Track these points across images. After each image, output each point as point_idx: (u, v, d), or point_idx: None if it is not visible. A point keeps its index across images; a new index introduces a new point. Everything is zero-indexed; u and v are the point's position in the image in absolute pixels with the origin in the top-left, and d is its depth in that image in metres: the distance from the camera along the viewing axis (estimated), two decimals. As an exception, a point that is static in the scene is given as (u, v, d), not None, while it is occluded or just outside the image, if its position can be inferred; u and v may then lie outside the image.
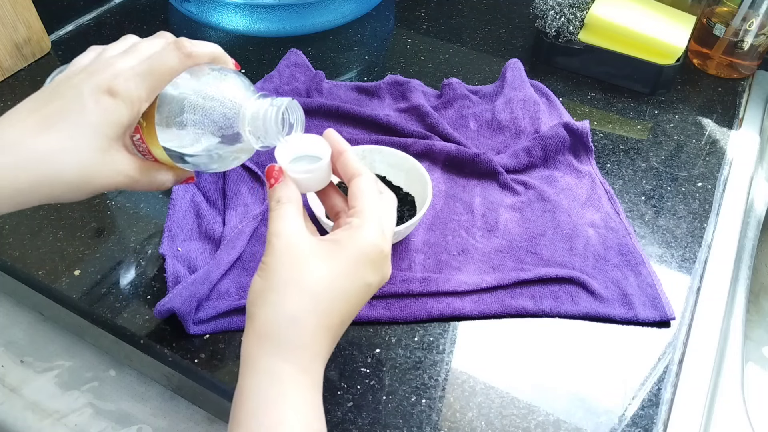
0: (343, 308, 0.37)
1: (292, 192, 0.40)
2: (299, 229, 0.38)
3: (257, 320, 0.36)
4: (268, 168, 0.40)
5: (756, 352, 0.71)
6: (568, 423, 0.46)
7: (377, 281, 0.39)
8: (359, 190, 0.40)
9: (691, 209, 0.63)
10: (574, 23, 0.76)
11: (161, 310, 0.49)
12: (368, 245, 0.37)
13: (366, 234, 0.38)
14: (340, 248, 0.37)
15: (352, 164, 0.41)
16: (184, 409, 0.52)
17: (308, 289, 0.36)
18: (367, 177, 0.41)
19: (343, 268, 0.37)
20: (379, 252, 0.38)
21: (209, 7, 0.83)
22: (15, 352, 0.55)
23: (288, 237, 0.37)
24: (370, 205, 0.39)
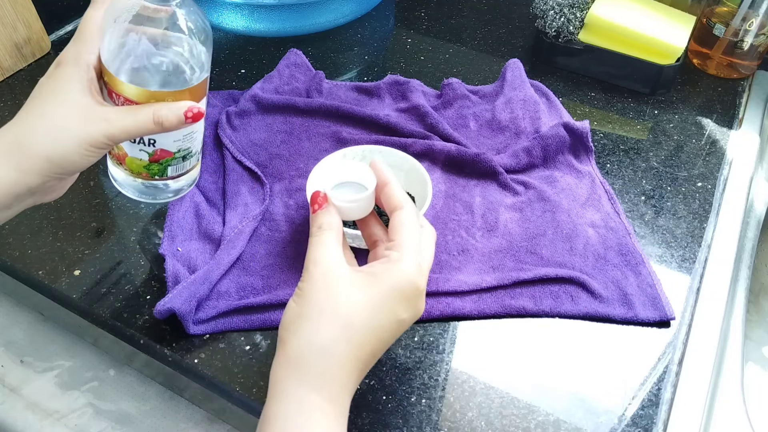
0: (374, 341, 0.37)
1: (334, 219, 0.40)
2: (337, 258, 0.38)
3: (289, 346, 0.36)
4: (313, 193, 0.41)
5: (756, 352, 0.71)
6: (568, 423, 0.46)
7: (410, 317, 0.39)
8: (401, 224, 0.40)
9: (691, 209, 0.63)
10: (574, 23, 0.76)
11: (161, 310, 0.49)
12: (405, 280, 0.38)
13: (403, 269, 0.38)
14: (377, 281, 0.37)
15: (397, 196, 0.41)
16: (184, 409, 0.52)
17: (341, 319, 0.36)
18: (409, 210, 0.41)
19: (378, 301, 0.37)
20: (415, 289, 0.38)
21: (209, 7, 0.83)
22: (15, 352, 0.55)
23: (326, 265, 0.38)
24: (410, 240, 0.39)
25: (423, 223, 0.42)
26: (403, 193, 0.42)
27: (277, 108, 0.70)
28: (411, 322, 0.39)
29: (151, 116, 0.42)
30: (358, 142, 0.65)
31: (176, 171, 0.52)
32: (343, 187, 0.44)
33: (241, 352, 0.49)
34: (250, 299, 0.51)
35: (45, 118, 0.39)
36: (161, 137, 0.48)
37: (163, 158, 0.50)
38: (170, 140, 0.49)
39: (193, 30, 0.45)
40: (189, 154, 0.51)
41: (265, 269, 0.54)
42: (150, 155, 0.50)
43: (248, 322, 0.50)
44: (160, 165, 0.51)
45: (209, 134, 0.66)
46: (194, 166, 0.54)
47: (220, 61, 0.79)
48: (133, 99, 0.45)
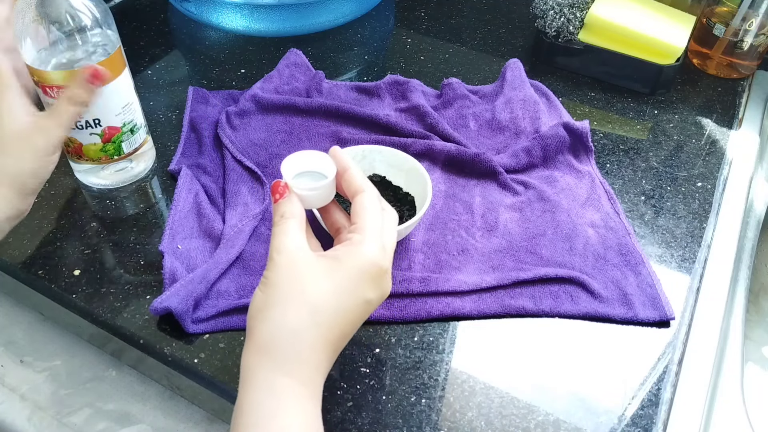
0: (343, 323, 0.38)
1: (295, 207, 0.40)
2: (301, 244, 0.39)
3: (257, 333, 0.37)
4: (273, 183, 0.41)
5: (756, 352, 0.71)
6: (568, 423, 0.46)
7: (377, 297, 0.39)
8: (362, 207, 0.41)
9: (690, 209, 0.63)
10: (574, 23, 0.76)
11: (157, 308, 0.49)
12: (368, 262, 0.38)
13: (366, 250, 0.38)
14: (340, 264, 0.38)
15: (356, 180, 0.42)
16: (184, 409, 0.52)
17: (308, 304, 0.36)
18: (370, 193, 0.41)
19: (343, 283, 0.37)
20: (379, 269, 0.39)
21: (209, 6, 0.83)
22: (15, 351, 0.55)
23: (289, 253, 0.38)
24: (372, 222, 0.40)
25: (384, 206, 0.43)
26: (364, 178, 0.42)
27: (277, 108, 0.70)
28: (379, 302, 0.40)
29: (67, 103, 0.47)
30: (358, 142, 0.65)
31: (131, 146, 0.59)
32: (305, 176, 0.44)
33: (241, 351, 0.49)
34: (249, 298, 0.51)
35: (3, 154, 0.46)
36: (103, 114, 0.55)
37: (114, 135, 0.57)
38: (112, 115, 0.56)
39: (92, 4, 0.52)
40: (135, 127, 0.59)
41: (264, 269, 0.54)
42: (101, 136, 0.56)
43: (248, 322, 0.50)
44: (113, 143, 0.57)
45: (209, 134, 0.66)
46: (145, 140, 0.61)
47: (220, 61, 0.79)
48: (63, 84, 0.51)
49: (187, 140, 0.66)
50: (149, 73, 0.76)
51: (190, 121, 0.68)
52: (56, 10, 0.50)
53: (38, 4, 0.49)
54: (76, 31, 0.51)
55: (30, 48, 0.51)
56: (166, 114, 0.70)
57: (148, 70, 0.77)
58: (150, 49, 0.81)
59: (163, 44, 0.82)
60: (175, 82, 0.75)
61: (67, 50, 0.52)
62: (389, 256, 0.40)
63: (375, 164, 0.60)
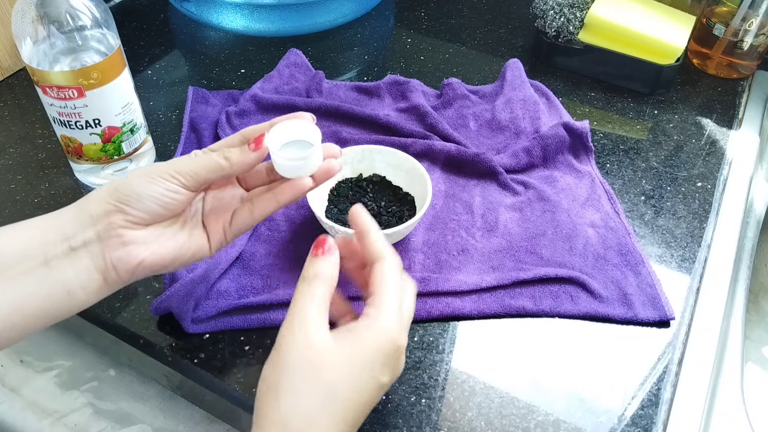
0: (357, 409, 0.36)
1: (333, 270, 0.38)
2: (323, 319, 0.36)
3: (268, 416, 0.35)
4: (319, 238, 0.39)
5: (756, 352, 0.71)
6: (567, 423, 0.46)
7: (389, 380, 0.37)
8: (381, 277, 0.38)
9: (690, 209, 0.63)
10: (573, 23, 0.76)
11: (157, 308, 0.49)
12: (386, 341, 0.36)
13: (385, 328, 0.36)
14: (358, 342, 0.36)
15: (378, 245, 0.39)
16: (184, 409, 0.52)
17: (323, 389, 0.35)
18: (391, 262, 0.39)
19: (360, 366, 0.36)
20: (396, 348, 0.37)
21: (209, 6, 0.83)
22: (15, 351, 0.55)
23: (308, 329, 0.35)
24: (392, 295, 0.37)
25: (405, 276, 0.41)
26: (385, 243, 0.40)
27: (276, 108, 0.70)
28: (390, 384, 0.38)
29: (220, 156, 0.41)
30: (358, 142, 0.65)
31: (130, 146, 0.59)
32: (290, 146, 0.43)
33: (241, 352, 0.49)
34: (249, 299, 0.51)
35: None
36: (103, 114, 0.55)
37: (114, 135, 0.57)
38: (112, 115, 0.56)
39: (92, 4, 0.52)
40: (135, 127, 0.59)
41: (264, 269, 0.54)
42: (101, 136, 0.57)
43: (248, 322, 0.50)
44: (113, 143, 0.58)
45: (209, 134, 0.66)
46: (145, 140, 0.61)
47: (220, 61, 0.79)
48: (63, 84, 0.52)
49: (187, 140, 0.66)
50: (149, 73, 0.76)
51: (190, 121, 0.68)
52: (56, 10, 0.50)
53: (38, 4, 0.49)
54: (76, 30, 0.51)
55: (30, 48, 0.51)
56: (166, 114, 0.70)
57: (148, 70, 0.77)
58: (150, 49, 0.81)
59: (163, 44, 0.82)
60: (175, 82, 0.75)
61: (67, 50, 0.52)
62: (406, 332, 0.38)
63: (375, 164, 0.60)
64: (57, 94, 0.52)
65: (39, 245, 0.37)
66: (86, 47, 0.52)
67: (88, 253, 0.38)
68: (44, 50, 0.51)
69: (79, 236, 0.37)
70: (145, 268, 0.39)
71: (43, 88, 0.52)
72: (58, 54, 0.52)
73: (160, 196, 0.38)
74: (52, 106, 0.54)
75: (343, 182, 0.60)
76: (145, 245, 0.39)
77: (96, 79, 0.53)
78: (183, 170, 0.39)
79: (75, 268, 0.37)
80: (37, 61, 0.51)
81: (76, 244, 0.37)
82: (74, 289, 0.38)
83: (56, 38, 0.51)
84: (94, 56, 0.53)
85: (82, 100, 0.53)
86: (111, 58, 0.53)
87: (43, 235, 0.37)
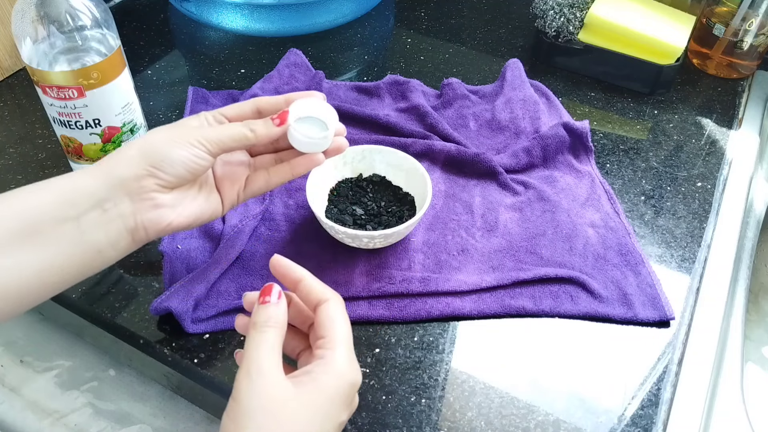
0: None
1: (281, 316, 0.38)
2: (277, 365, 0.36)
3: None
4: (265, 286, 0.39)
5: (756, 352, 0.71)
6: (567, 423, 0.46)
7: (347, 416, 0.38)
8: (328, 318, 0.38)
9: (690, 209, 0.63)
10: (573, 23, 0.76)
11: (157, 308, 0.49)
12: (343, 383, 0.36)
13: (340, 369, 0.36)
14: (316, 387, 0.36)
15: (317, 289, 0.39)
16: (184, 409, 0.52)
17: None
18: (335, 302, 0.39)
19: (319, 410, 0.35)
20: (352, 387, 0.37)
21: (209, 6, 0.83)
22: (15, 351, 0.55)
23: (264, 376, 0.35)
24: (342, 334, 0.38)
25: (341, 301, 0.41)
26: (323, 285, 0.40)
27: (277, 108, 0.70)
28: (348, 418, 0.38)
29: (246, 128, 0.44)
30: (358, 142, 0.65)
31: None
32: (306, 121, 0.46)
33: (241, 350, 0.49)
34: (249, 299, 0.51)
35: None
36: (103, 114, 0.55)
37: (114, 135, 0.57)
38: (112, 115, 0.56)
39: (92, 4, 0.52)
40: (135, 127, 0.59)
41: (264, 269, 0.54)
42: (101, 136, 0.57)
43: (248, 322, 0.50)
44: (113, 144, 0.58)
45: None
46: None
47: (220, 61, 0.79)
48: (63, 84, 0.52)
49: (187, 140, 0.66)
50: (149, 73, 0.76)
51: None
52: (56, 10, 0.50)
53: (38, 4, 0.49)
54: (76, 30, 0.51)
55: (30, 48, 0.51)
56: (166, 114, 0.70)
57: (148, 70, 0.77)
58: (150, 49, 0.81)
59: (163, 44, 0.82)
60: (175, 82, 0.75)
61: (67, 50, 0.52)
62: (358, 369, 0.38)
63: (375, 164, 0.60)
64: (57, 94, 0.52)
65: (71, 206, 0.38)
66: (86, 47, 0.52)
67: (120, 216, 0.40)
68: (44, 50, 0.51)
69: (111, 200, 0.39)
70: (172, 228, 0.42)
71: (43, 88, 0.52)
72: (58, 54, 0.52)
73: (189, 161, 0.41)
74: (52, 106, 0.54)
75: (343, 182, 0.60)
76: (172, 208, 0.42)
77: (96, 79, 0.53)
78: (210, 138, 0.42)
79: (107, 229, 0.40)
80: (37, 61, 0.51)
81: (109, 207, 0.39)
82: (105, 248, 0.40)
83: (56, 38, 0.51)
84: (94, 56, 0.53)
85: (82, 100, 0.53)
86: (111, 58, 0.53)
87: (74, 197, 0.39)
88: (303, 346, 0.42)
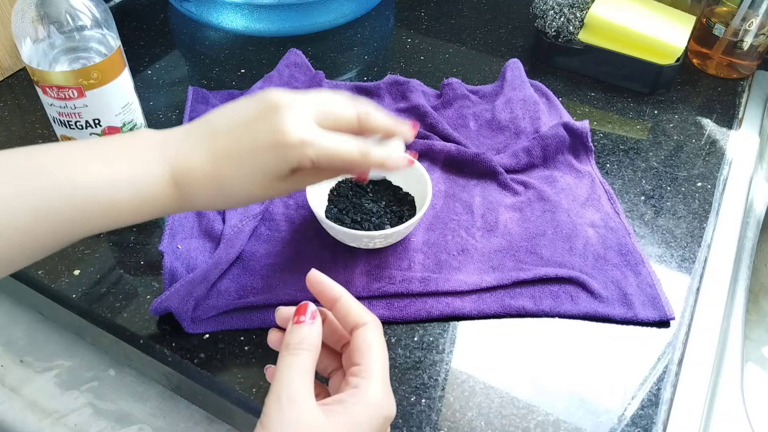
0: None
1: (316, 338, 0.36)
2: (309, 391, 0.34)
3: None
4: (301, 305, 0.37)
5: (756, 352, 0.71)
6: (567, 423, 0.46)
7: None
8: (365, 344, 0.36)
9: (690, 209, 0.63)
10: (573, 23, 0.76)
11: (157, 308, 0.49)
12: (376, 416, 0.35)
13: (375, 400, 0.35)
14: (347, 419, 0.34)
15: (355, 312, 0.37)
16: (184, 409, 0.52)
17: None
18: (372, 327, 0.37)
19: None
20: (386, 420, 0.35)
21: (209, 6, 0.83)
22: (15, 351, 0.55)
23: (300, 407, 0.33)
24: (378, 363, 0.36)
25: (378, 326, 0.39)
26: (362, 307, 0.38)
27: (277, 108, 0.70)
28: None
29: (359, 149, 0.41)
30: (357, 142, 0.65)
31: None
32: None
33: (241, 352, 0.49)
34: (249, 299, 0.51)
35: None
36: (103, 114, 0.55)
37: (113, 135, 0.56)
38: (112, 115, 0.56)
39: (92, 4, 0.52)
40: (135, 127, 0.59)
41: (264, 269, 0.54)
42: (101, 136, 0.56)
43: (248, 322, 0.50)
44: None
45: (209, 134, 0.66)
46: None
47: (220, 61, 0.79)
48: (63, 84, 0.52)
49: (187, 140, 0.66)
50: (149, 73, 0.76)
51: (190, 121, 0.68)
52: (56, 10, 0.50)
53: (38, 4, 0.49)
54: (76, 31, 0.51)
55: (30, 48, 0.51)
56: (166, 114, 0.70)
57: (148, 70, 0.77)
58: (150, 49, 0.81)
59: (163, 44, 0.82)
60: (175, 82, 0.75)
61: (67, 50, 0.52)
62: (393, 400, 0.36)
63: (375, 164, 0.60)
64: (57, 94, 0.52)
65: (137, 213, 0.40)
66: (86, 47, 0.52)
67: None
68: (44, 50, 0.51)
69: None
70: None
71: (43, 88, 0.52)
72: (58, 54, 0.52)
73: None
74: (52, 106, 0.54)
75: (343, 182, 0.60)
76: None
77: (96, 79, 0.53)
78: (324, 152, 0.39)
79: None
80: (37, 61, 0.51)
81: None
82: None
83: (56, 38, 0.51)
84: (94, 56, 0.53)
85: (82, 100, 0.53)
86: (111, 58, 0.53)
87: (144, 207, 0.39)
88: (336, 366, 0.40)
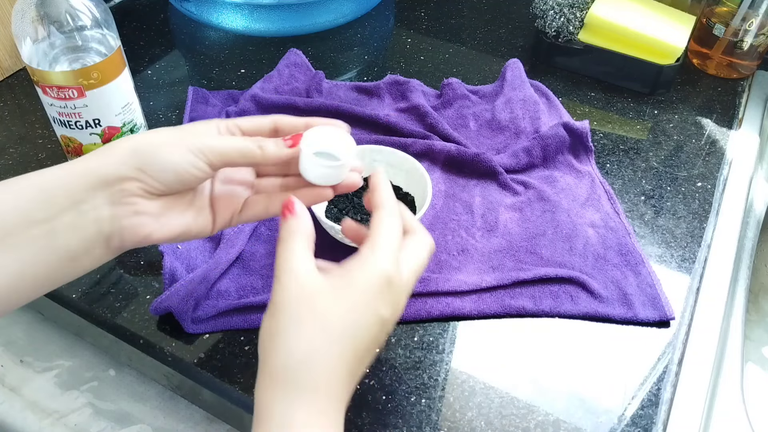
0: (359, 343, 0.35)
1: (305, 225, 0.37)
2: (308, 264, 0.36)
3: (269, 364, 0.34)
4: (287, 200, 0.38)
5: (756, 352, 0.71)
6: (567, 423, 0.46)
7: (390, 315, 0.36)
8: (379, 220, 0.38)
9: (690, 209, 0.63)
10: (573, 23, 0.76)
11: (157, 308, 0.49)
12: (377, 275, 0.35)
13: (376, 263, 0.36)
14: (350, 278, 0.35)
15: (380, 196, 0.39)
16: (184, 409, 0.52)
17: (320, 326, 0.34)
18: (389, 211, 0.38)
19: (355, 298, 0.35)
20: (389, 282, 0.36)
21: (209, 6, 0.83)
22: (15, 351, 0.55)
23: (296, 273, 0.35)
24: (385, 236, 0.37)
25: (417, 229, 0.40)
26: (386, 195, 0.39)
27: (276, 108, 0.70)
28: (393, 321, 0.37)
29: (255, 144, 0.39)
30: (358, 142, 0.65)
31: None
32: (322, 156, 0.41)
33: (241, 352, 0.49)
34: (249, 299, 0.51)
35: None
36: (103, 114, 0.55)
37: (114, 135, 0.57)
38: (112, 115, 0.56)
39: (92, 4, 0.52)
40: (135, 127, 0.59)
41: (265, 268, 0.54)
42: (101, 136, 0.57)
43: (248, 322, 0.50)
44: None
45: (209, 134, 0.66)
46: None
47: (220, 61, 0.79)
48: (63, 84, 0.52)
49: (187, 140, 0.66)
50: (149, 73, 0.76)
51: (190, 121, 0.68)
52: (56, 10, 0.50)
53: (38, 4, 0.49)
54: (76, 30, 0.51)
55: (30, 48, 0.51)
56: (166, 114, 0.70)
57: (148, 70, 0.77)
58: (150, 49, 0.81)
59: (163, 44, 0.82)
60: (175, 82, 0.75)
61: (67, 50, 0.52)
62: (406, 274, 0.37)
63: (375, 164, 0.60)
64: (57, 94, 0.52)
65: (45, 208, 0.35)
66: (86, 47, 0.52)
67: (96, 220, 0.36)
68: (44, 50, 0.51)
69: (89, 202, 0.36)
70: (151, 240, 0.38)
71: (43, 88, 0.52)
72: (58, 54, 0.52)
73: (183, 170, 0.37)
74: (52, 106, 0.54)
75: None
76: (155, 218, 0.38)
77: (96, 79, 0.53)
78: (214, 148, 0.38)
79: (81, 236, 0.36)
80: (37, 61, 0.51)
81: (86, 210, 0.36)
82: (79, 255, 0.36)
83: (56, 38, 0.51)
84: (94, 56, 0.53)
85: (82, 100, 0.53)
86: (111, 58, 0.53)
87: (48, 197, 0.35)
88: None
